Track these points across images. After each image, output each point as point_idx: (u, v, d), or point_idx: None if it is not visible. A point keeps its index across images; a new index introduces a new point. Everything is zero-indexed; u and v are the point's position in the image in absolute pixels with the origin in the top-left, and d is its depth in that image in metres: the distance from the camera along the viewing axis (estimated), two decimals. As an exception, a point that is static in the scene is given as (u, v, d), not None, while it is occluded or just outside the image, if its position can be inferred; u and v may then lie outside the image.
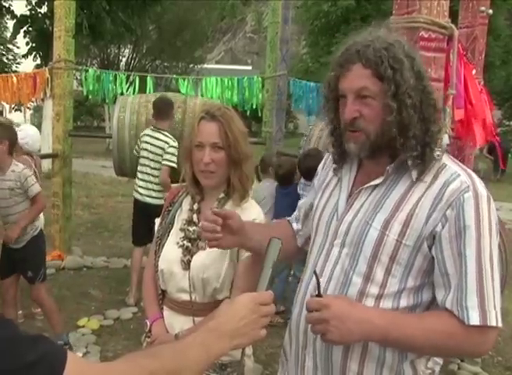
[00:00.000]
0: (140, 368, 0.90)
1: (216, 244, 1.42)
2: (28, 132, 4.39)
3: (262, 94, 6.34)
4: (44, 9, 14.49)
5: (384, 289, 1.26)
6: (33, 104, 7.92)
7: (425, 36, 2.43)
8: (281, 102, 6.07)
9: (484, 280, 1.17)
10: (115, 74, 6.25)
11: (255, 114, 6.49)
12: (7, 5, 15.57)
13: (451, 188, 1.21)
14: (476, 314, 1.15)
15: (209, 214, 1.41)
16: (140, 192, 4.59)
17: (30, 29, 14.84)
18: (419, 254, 1.23)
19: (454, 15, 3.03)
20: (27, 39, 15.04)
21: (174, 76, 7.78)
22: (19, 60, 27.36)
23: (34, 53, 15.19)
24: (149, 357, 0.93)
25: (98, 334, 4.05)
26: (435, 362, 1.35)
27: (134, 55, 26.54)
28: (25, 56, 15.90)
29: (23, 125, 4.66)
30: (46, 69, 5.96)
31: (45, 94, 6.04)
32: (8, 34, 24.13)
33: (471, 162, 4.17)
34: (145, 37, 24.25)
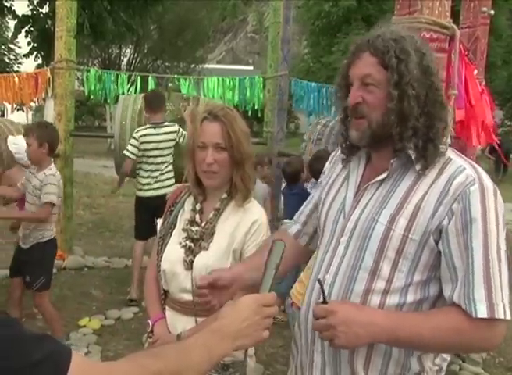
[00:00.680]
0: (143, 368, 0.90)
1: (213, 305, 1.44)
2: (24, 145, 4.05)
3: (263, 94, 6.33)
4: (46, 9, 14.50)
5: (391, 284, 1.26)
6: (34, 104, 7.90)
7: (427, 36, 2.43)
8: (282, 102, 6.06)
9: (491, 273, 1.17)
10: (116, 74, 6.24)
11: (256, 114, 6.48)
12: (8, 5, 15.57)
13: (457, 182, 1.22)
14: (484, 307, 1.15)
15: (201, 281, 1.44)
16: (154, 187, 4.65)
17: (32, 29, 14.85)
18: (426, 248, 1.24)
19: (456, 15, 3.03)
20: (29, 39, 15.05)
21: (175, 76, 7.78)
22: (20, 60, 27.42)
23: (36, 53, 15.21)
24: (152, 357, 0.93)
25: (99, 334, 4.05)
26: (442, 359, 1.36)
27: (135, 55, 26.58)
28: (26, 56, 15.92)
29: (19, 138, 4.32)
30: (47, 69, 5.96)
31: (47, 94, 6.04)
32: (9, 34, 24.16)
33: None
34: (146, 37, 24.27)
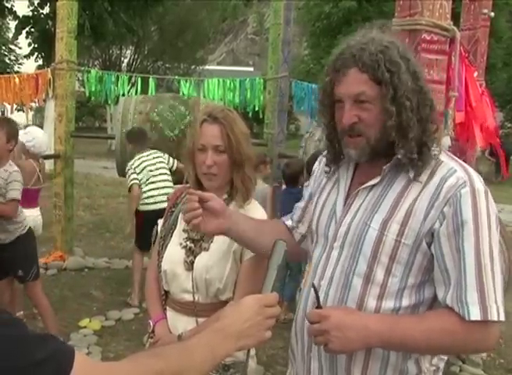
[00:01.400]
0: (145, 368, 0.90)
1: (198, 224, 1.41)
2: (35, 134, 4.31)
3: (264, 95, 6.34)
4: (47, 10, 14.53)
5: (385, 289, 1.26)
6: (35, 105, 7.91)
7: (427, 38, 2.43)
8: (283, 104, 6.07)
9: (483, 275, 1.16)
10: (117, 75, 6.25)
11: (257, 115, 6.49)
12: (9, 6, 15.60)
13: (448, 185, 1.21)
14: (476, 309, 1.15)
15: (188, 197, 1.41)
16: (156, 201, 4.67)
17: (33, 30, 14.89)
18: (419, 252, 1.23)
19: (456, 17, 3.03)
20: (29, 40, 15.08)
21: (176, 77, 7.80)
22: (21, 61, 27.45)
23: (36, 54, 15.25)
24: (154, 357, 0.93)
25: (100, 335, 4.05)
26: (439, 359, 1.36)
27: (136, 56, 26.58)
28: (27, 57, 15.97)
29: (30, 127, 4.55)
30: (48, 69, 5.97)
31: (47, 94, 6.05)
32: (10, 35, 24.19)
33: (473, 164, 4.18)
34: (147, 38, 24.30)
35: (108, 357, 3.67)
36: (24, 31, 15.14)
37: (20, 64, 28.42)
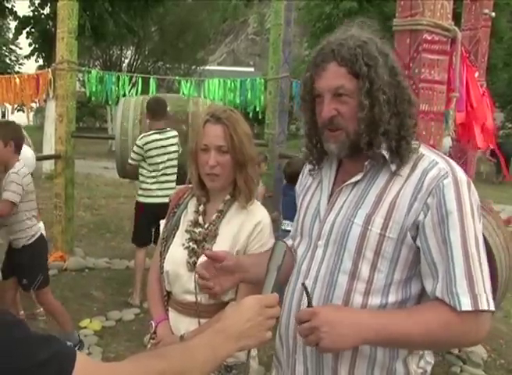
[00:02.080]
0: (147, 368, 0.91)
1: (215, 291, 1.40)
2: (23, 155, 3.85)
3: (265, 96, 6.34)
4: (47, 11, 14.51)
5: (371, 285, 1.25)
6: (35, 105, 7.91)
7: (429, 38, 2.43)
8: (283, 104, 6.07)
9: (471, 265, 1.16)
10: (117, 76, 6.25)
11: (257, 116, 6.49)
12: (10, 6, 15.58)
13: (430, 176, 1.21)
14: (467, 299, 1.14)
15: (203, 262, 1.40)
16: (159, 194, 4.61)
17: (33, 30, 14.86)
18: (404, 246, 1.23)
19: (457, 17, 3.04)
20: (30, 40, 15.07)
21: (176, 77, 7.79)
22: (21, 61, 27.47)
23: (37, 54, 15.22)
24: (156, 358, 0.94)
25: (100, 335, 4.05)
26: (426, 362, 1.35)
27: (136, 57, 26.56)
28: (27, 57, 15.94)
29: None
30: (49, 70, 5.97)
31: (48, 95, 6.05)
32: (10, 35, 24.21)
33: (474, 165, 4.18)
34: (147, 39, 24.27)
35: (109, 357, 3.67)
36: (25, 31, 15.10)
37: (21, 64, 28.45)
